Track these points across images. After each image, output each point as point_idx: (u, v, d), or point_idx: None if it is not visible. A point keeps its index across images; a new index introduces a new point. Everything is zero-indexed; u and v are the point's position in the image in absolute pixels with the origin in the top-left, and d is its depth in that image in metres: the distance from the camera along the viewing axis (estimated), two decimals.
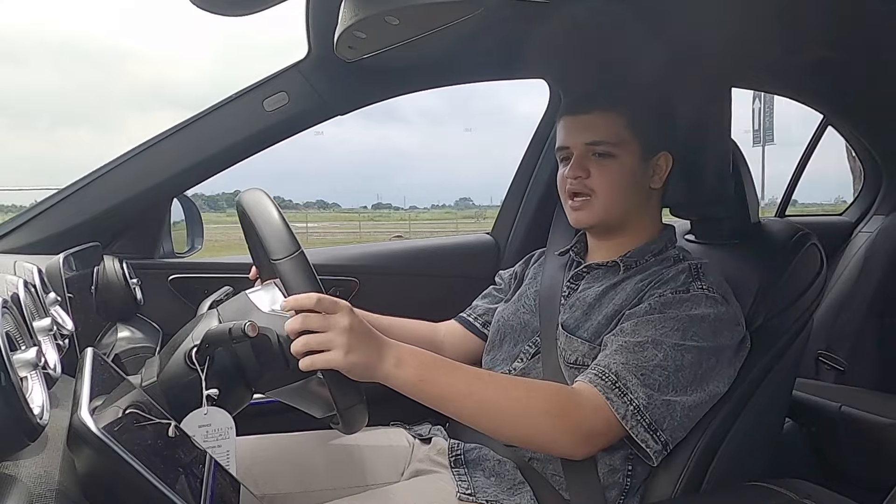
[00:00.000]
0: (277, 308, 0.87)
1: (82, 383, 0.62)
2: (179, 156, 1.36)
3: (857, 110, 2.05)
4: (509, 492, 1.00)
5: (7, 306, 0.61)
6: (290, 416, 1.04)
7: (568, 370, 1.03)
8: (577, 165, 1.07)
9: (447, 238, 1.90)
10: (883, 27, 1.30)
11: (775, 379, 1.08)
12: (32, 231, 1.30)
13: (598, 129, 1.06)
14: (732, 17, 1.20)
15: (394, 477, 1.11)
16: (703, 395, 0.95)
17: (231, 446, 0.82)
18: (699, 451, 1.00)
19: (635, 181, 1.08)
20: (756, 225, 1.22)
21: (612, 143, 1.06)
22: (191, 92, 56.38)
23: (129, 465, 0.56)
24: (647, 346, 0.94)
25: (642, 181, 1.09)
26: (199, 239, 1.62)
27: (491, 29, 1.21)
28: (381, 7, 0.86)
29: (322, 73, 1.36)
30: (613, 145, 1.06)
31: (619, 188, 1.07)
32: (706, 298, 0.98)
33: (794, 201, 2.62)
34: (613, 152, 1.06)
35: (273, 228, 0.84)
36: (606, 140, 1.06)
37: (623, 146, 1.06)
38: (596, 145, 1.06)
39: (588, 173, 1.07)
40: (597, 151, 1.06)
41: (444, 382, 0.86)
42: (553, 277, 1.19)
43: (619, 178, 1.06)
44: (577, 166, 1.07)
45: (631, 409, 0.91)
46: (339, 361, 0.79)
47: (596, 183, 1.07)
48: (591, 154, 1.07)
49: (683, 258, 1.08)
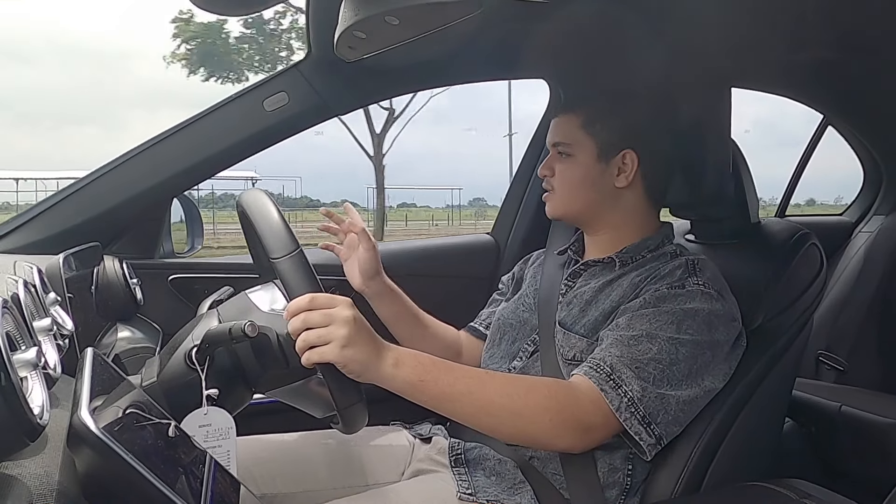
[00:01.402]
0: (277, 308, 0.87)
1: (82, 383, 0.62)
2: (179, 156, 1.36)
3: (857, 110, 2.05)
4: (510, 491, 1.00)
5: (7, 306, 0.61)
6: (290, 416, 1.04)
7: (566, 367, 1.03)
8: (546, 164, 1.15)
9: (447, 238, 1.90)
10: (883, 27, 1.30)
11: (775, 379, 1.08)
12: (32, 231, 1.30)
13: (559, 131, 1.13)
14: (732, 18, 1.20)
15: (394, 477, 1.11)
16: (698, 390, 0.96)
17: (231, 446, 0.82)
18: (699, 451, 1.00)
19: (592, 179, 1.10)
20: (756, 225, 1.22)
21: (568, 143, 1.11)
22: (196, 91, 53.53)
23: (129, 465, 0.56)
24: (641, 340, 0.94)
25: (602, 179, 1.10)
26: (199, 239, 1.62)
27: (491, 29, 1.21)
28: (381, 7, 0.86)
29: (322, 73, 1.36)
30: (569, 145, 1.11)
31: (573, 186, 1.12)
32: (702, 294, 0.98)
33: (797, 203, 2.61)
34: (570, 152, 1.11)
35: (272, 227, 0.84)
36: (563, 140, 1.12)
37: (578, 146, 1.10)
38: (557, 146, 1.13)
39: (553, 172, 1.14)
40: (559, 151, 1.13)
41: (444, 382, 0.86)
42: (552, 276, 1.19)
43: (572, 175, 1.11)
44: (546, 165, 1.15)
45: (625, 401, 0.91)
46: (335, 354, 0.78)
47: (556, 180, 1.14)
48: (557, 153, 1.14)
49: (680, 254, 1.08)
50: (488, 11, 0.90)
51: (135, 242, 1.42)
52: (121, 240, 1.40)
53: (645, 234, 1.12)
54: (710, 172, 1.17)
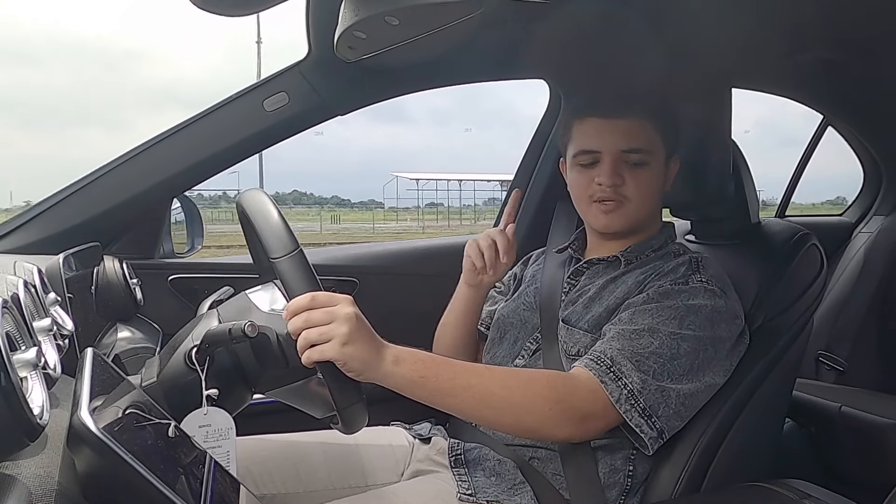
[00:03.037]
0: (277, 308, 0.87)
1: (82, 383, 0.62)
2: (179, 156, 1.36)
3: (857, 111, 2.05)
4: (510, 492, 1.00)
5: (7, 306, 0.61)
6: (290, 416, 1.04)
7: (570, 363, 1.03)
8: (614, 172, 1.04)
9: (447, 238, 1.90)
10: (883, 27, 1.30)
11: (775, 379, 1.08)
12: (32, 231, 1.30)
13: (636, 137, 1.05)
14: (732, 18, 1.20)
15: (394, 477, 1.11)
16: (699, 385, 0.96)
17: (231, 446, 0.82)
18: (699, 451, 1.01)
19: (660, 186, 1.09)
20: (756, 225, 1.22)
21: (648, 150, 1.05)
22: (201, 91, 55.70)
23: (129, 466, 0.56)
24: (643, 334, 0.95)
25: (664, 186, 1.10)
26: (199, 239, 1.62)
27: (491, 29, 1.21)
28: (381, 7, 0.86)
29: (322, 73, 1.36)
30: (648, 153, 1.05)
31: (651, 195, 1.08)
32: (705, 290, 0.99)
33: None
34: (647, 160, 1.05)
35: (272, 227, 0.84)
36: (643, 148, 1.05)
37: (653, 154, 1.06)
38: (632, 153, 1.05)
39: (623, 180, 1.05)
40: (632, 160, 1.05)
41: (444, 378, 0.87)
42: (553, 275, 1.19)
43: (652, 185, 1.07)
44: (614, 173, 1.04)
45: (625, 392, 0.91)
46: (335, 352, 0.78)
47: (630, 190, 1.05)
48: (622, 161, 1.05)
49: (684, 252, 1.09)
50: (488, 11, 0.90)
51: (135, 242, 1.42)
52: (121, 240, 1.40)
53: (649, 234, 1.12)
54: (710, 173, 1.17)
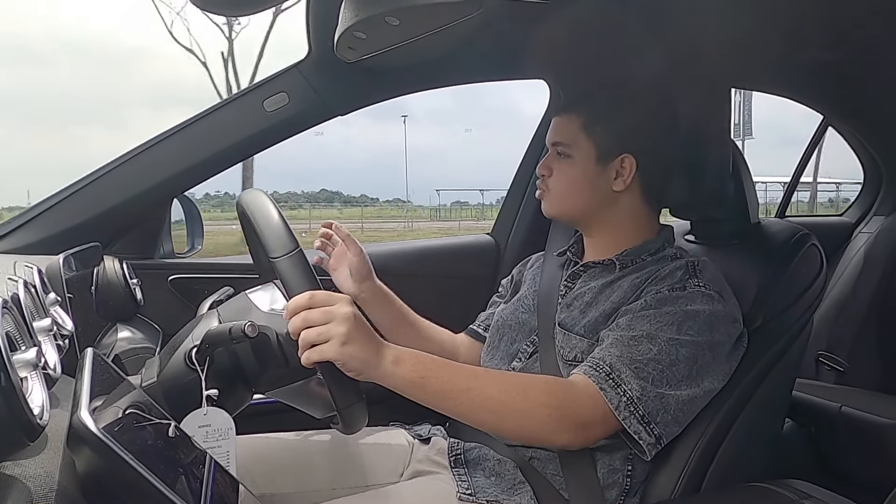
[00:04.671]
0: (277, 308, 0.87)
1: (82, 383, 0.62)
2: (179, 156, 1.36)
3: (857, 110, 2.05)
4: (509, 492, 1.00)
5: (7, 306, 0.61)
6: (290, 416, 1.04)
7: (566, 367, 1.03)
8: (545, 164, 1.14)
9: (447, 238, 1.90)
10: (883, 27, 1.30)
11: (775, 379, 1.08)
12: (32, 231, 1.31)
13: (560, 130, 1.12)
14: (732, 18, 1.20)
15: (393, 477, 1.11)
16: (698, 391, 0.96)
17: (231, 446, 0.82)
18: (699, 452, 1.00)
19: (589, 181, 1.10)
20: (756, 225, 1.22)
21: (568, 143, 1.10)
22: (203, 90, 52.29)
23: (128, 466, 0.56)
24: (641, 340, 0.94)
25: (599, 182, 1.10)
26: (199, 239, 1.62)
27: (491, 29, 1.21)
28: (381, 7, 0.86)
29: (322, 74, 1.36)
30: (569, 146, 1.10)
31: (569, 186, 1.11)
32: (702, 295, 0.98)
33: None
34: (569, 152, 1.10)
35: (272, 227, 0.84)
36: (563, 140, 1.11)
37: (577, 147, 1.09)
38: (556, 145, 1.12)
39: (550, 171, 1.13)
40: (558, 151, 1.12)
41: (444, 380, 0.86)
42: (551, 278, 1.19)
43: (570, 177, 1.11)
44: (544, 164, 1.14)
45: (624, 399, 0.91)
46: (335, 351, 0.78)
47: (552, 181, 1.13)
48: (556, 153, 1.12)
49: (681, 256, 1.09)
50: (488, 12, 0.90)
51: (135, 242, 1.43)
52: (121, 240, 1.40)
53: (645, 237, 1.12)
54: (710, 173, 1.17)
